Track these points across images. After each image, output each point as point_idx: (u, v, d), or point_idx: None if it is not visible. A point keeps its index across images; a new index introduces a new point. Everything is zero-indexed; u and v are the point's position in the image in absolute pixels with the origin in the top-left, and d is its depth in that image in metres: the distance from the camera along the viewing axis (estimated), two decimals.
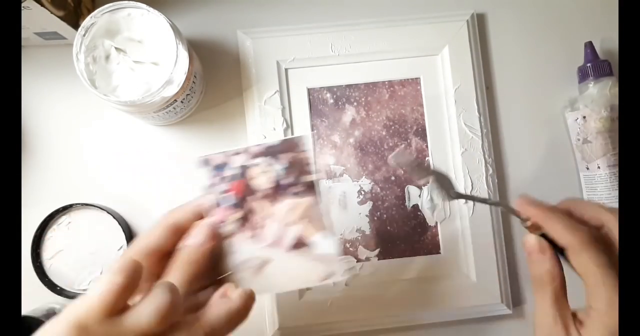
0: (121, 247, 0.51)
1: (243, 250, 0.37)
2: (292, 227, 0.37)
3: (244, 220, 0.37)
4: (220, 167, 0.37)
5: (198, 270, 0.35)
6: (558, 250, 0.36)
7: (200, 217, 0.38)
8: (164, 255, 0.36)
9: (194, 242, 0.36)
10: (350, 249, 0.53)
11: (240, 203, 0.37)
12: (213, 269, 0.37)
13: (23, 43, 0.51)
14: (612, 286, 0.32)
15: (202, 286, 0.37)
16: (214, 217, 0.37)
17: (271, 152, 0.37)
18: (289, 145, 0.37)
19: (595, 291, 0.33)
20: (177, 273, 0.34)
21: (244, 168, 0.37)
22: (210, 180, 0.37)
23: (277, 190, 0.37)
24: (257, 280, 0.37)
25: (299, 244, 0.37)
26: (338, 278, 0.37)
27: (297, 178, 0.37)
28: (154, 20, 0.45)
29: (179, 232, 0.37)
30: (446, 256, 0.53)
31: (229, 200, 0.37)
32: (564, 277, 0.36)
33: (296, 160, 0.37)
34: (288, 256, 0.37)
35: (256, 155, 0.37)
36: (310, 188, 0.37)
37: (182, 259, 0.35)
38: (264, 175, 0.37)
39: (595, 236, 0.34)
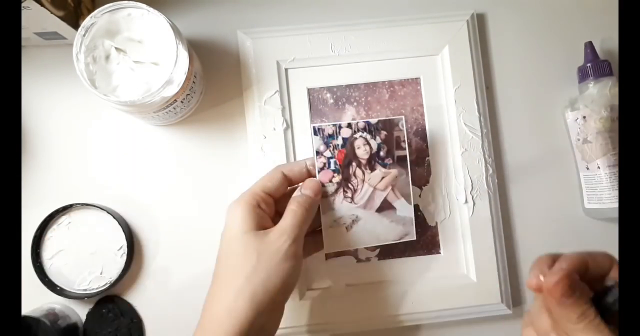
0: (121, 247, 0.51)
1: (340, 207, 0.45)
2: (381, 192, 0.46)
3: (344, 182, 0.45)
4: (330, 136, 0.45)
5: (308, 216, 0.42)
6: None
7: (308, 175, 0.45)
8: (277, 197, 0.44)
9: (307, 192, 0.43)
10: (350, 249, 0.53)
11: (342, 168, 0.45)
12: (313, 223, 0.44)
13: (23, 43, 0.51)
14: None
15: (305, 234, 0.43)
16: (320, 177, 0.45)
17: (372, 128, 0.46)
18: (387, 124, 0.46)
19: None
20: (293, 214, 0.41)
21: (349, 139, 0.45)
22: (320, 146, 0.45)
23: (373, 161, 0.46)
24: (348, 234, 0.46)
25: (385, 207, 0.47)
26: (412, 238, 0.48)
27: (391, 152, 0.46)
28: (154, 20, 0.45)
29: (290, 183, 0.45)
30: (446, 256, 0.53)
31: (333, 165, 0.45)
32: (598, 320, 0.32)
33: (391, 137, 0.46)
34: (375, 216, 0.47)
35: (359, 130, 0.45)
36: (400, 161, 0.47)
37: (298, 203, 0.42)
38: (364, 147, 0.45)
39: None
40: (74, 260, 0.51)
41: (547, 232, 0.54)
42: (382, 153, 0.46)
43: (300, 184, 0.44)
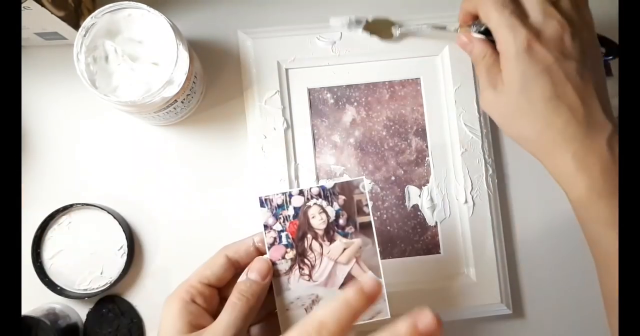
0: (121, 247, 0.51)
1: (297, 287, 0.39)
2: (344, 266, 0.39)
3: (299, 258, 0.39)
4: (280, 207, 0.39)
5: (256, 303, 0.37)
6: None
7: (257, 253, 0.39)
8: (220, 286, 0.39)
9: (254, 276, 0.37)
10: None
11: (295, 242, 0.39)
12: (266, 306, 0.39)
13: (23, 43, 0.51)
14: (509, 26, 0.38)
15: (255, 321, 0.39)
16: (271, 254, 0.39)
17: (328, 193, 0.40)
18: (346, 188, 0.40)
19: (499, 35, 0.40)
20: (232, 308, 0.36)
21: (301, 208, 0.39)
22: (268, 219, 0.39)
23: (331, 231, 0.39)
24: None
25: (350, 283, 0.39)
26: (384, 317, 0.39)
27: (352, 219, 0.39)
28: (155, 21, 0.45)
29: (236, 266, 0.39)
30: (446, 256, 0.53)
31: (285, 239, 0.39)
32: (494, 55, 0.42)
33: (351, 201, 0.40)
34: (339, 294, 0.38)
35: (313, 196, 0.39)
36: (364, 229, 0.39)
37: (240, 294, 0.36)
38: (319, 216, 0.39)
39: None
40: (74, 260, 0.51)
41: (547, 232, 0.54)
42: (341, 222, 0.39)
43: (247, 268, 0.39)
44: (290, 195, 0.39)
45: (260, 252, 0.40)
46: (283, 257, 0.39)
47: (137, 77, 0.45)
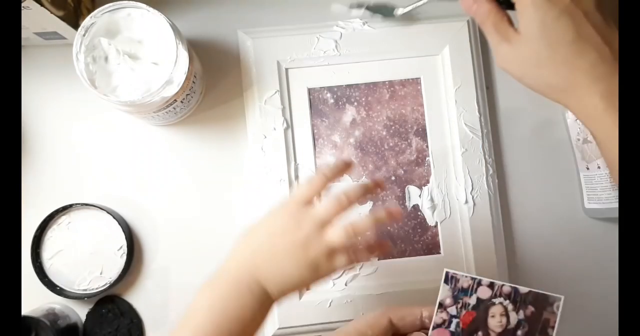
0: (121, 247, 0.51)
1: None
2: None
3: None
4: (464, 291, 0.37)
5: None
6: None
7: (421, 327, 0.38)
8: None
9: None
10: None
11: (464, 334, 0.36)
12: None
13: (23, 43, 0.51)
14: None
15: None
16: (434, 335, 0.36)
17: (518, 298, 0.36)
18: (539, 300, 0.37)
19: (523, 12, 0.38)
20: None
21: (485, 302, 0.36)
22: (446, 299, 0.37)
23: None
24: None
25: None
26: None
27: (532, 334, 0.36)
28: (154, 20, 0.45)
29: (395, 331, 0.38)
30: (446, 256, 0.53)
31: (454, 327, 0.36)
32: (500, 12, 0.40)
33: (539, 317, 0.36)
34: None
35: (502, 295, 0.36)
36: None
37: None
38: (499, 317, 0.36)
39: None
40: (74, 260, 0.51)
41: (547, 232, 0.54)
42: (519, 333, 0.36)
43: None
44: (480, 284, 0.36)
45: (424, 326, 0.37)
46: None
47: (137, 77, 0.45)
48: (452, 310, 0.36)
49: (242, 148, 0.53)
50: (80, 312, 0.51)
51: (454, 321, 0.36)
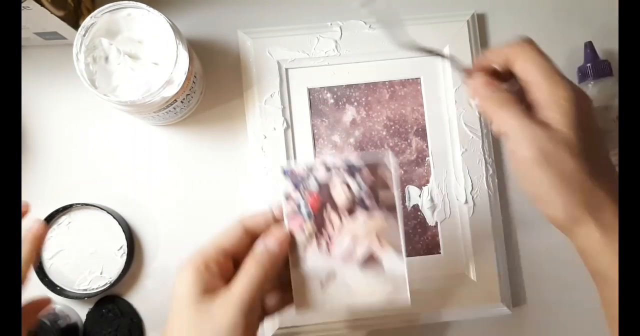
0: (121, 247, 0.51)
1: (313, 260, 0.38)
2: (364, 242, 0.38)
3: (318, 231, 0.38)
4: (301, 179, 0.38)
5: (271, 272, 0.36)
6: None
7: (274, 223, 0.38)
8: (236, 256, 0.37)
9: (270, 245, 0.36)
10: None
11: (315, 214, 0.38)
12: (281, 276, 0.38)
13: (23, 43, 0.51)
14: (557, 73, 0.36)
15: (269, 291, 0.38)
16: (290, 225, 0.38)
17: (352, 167, 0.38)
18: (371, 162, 0.38)
19: (538, 87, 0.35)
20: (247, 276, 0.35)
21: (324, 181, 0.38)
22: (290, 190, 0.38)
23: (354, 206, 0.38)
24: (323, 292, 0.38)
25: (369, 261, 0.38)
26: (405, 302, 0.38)
27: (375, 195, 0.38)
28: (154, 20, 0.45)
29: (253, 236, 0.38)
30: (446, 256, 0.53)
31: (305, 210, 0.38)
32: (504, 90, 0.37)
33: (375, 176, 0.38)
34: (356, 272, 0.38)
35: (337, 170, 0.38)
36: (387, 204, 0.38)
37: (257, 258, 0.36)
38: (342, 190, 0.38)
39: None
40: (74, 260, 0.51)
41: (547, 232, 0.54)
42: (364, 196, 0.38)
43: (263, 234, 0.38)
44: (313, 167, 0.38)
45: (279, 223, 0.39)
46: (301, 229, 0.38)
47: (137, 77, 0.45)
48: (298, 197, 0.38)
49: (242, 148, 0.53)
50: (80, 312, 0.51)
51: (303, 206, 0.38)
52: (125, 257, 0.50)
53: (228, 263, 0.37)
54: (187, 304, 0.35)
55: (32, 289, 0.50)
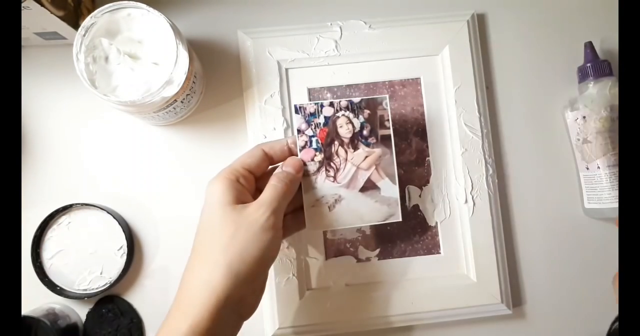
0: (121, 247, 0.51)
1: (323, 187, 0.45)
2: (365, 171, 0.45)
3: (326, 161, 0.45)
4: (312, 115, 0.45)
5: (289, 191, 0.42)
6: None
7: (289, 153, 0.45)
8: (256, 175, 0.44)
9: (289, 169, 0.43)
10: (351, 249, 0.53)
11: (324, 147, 0.45)
12: (295, 201, 0.44)
13: (23, 43, 0.51)
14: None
15: (285, 213, 0.43)
16: (302, 155, 0.44)
17: (355, 106, 0.45)
18: (371, 103, 0.45)
19: None
20: (273, 188, 0.41)
21: (331, 118, 0.45)
22: (301, 125, 0.44)
23: (356, 140, 0.45)
24: (331, 213, 0.45)
25: (369, 187, 0.46)
26: (397, 219, 0.46)
27: (374, 131, 0.45)
28: (154, 20, 0.45)
29: (271, 161, 0.45)
30: (446, 256, 0.53)
31: (315, 144, 0.45)
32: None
33: (375, 116, 0.45)
34: (359, 196, 0.46)
35: (342, 108, 0.45)
36: (384, 140, 0.45)
37: (279, 179, 0.42)
38: (346, 126, 0.45)
39: None
40: (74, 260, 0.51)
41: (547, 232, 0.54)
42: (365, 132, 0.45)
43: (282, 163, 0.44)
44: (322, 106, 0.45)
45: (293, 153, 0.45)
46: (312, 159, 0.44)
47: (137, 77, 0.45)
48: (309, 132, 0.44)
49: (242, 148, 0.53)
50: (80, 312, 0.51)
51: (313, 140, 0.45)
52: (125, 257, 0.50)
53: (252, 181, 0.43)
54: (222, 206, 0.40)
55: (32, 289, 0.50)
